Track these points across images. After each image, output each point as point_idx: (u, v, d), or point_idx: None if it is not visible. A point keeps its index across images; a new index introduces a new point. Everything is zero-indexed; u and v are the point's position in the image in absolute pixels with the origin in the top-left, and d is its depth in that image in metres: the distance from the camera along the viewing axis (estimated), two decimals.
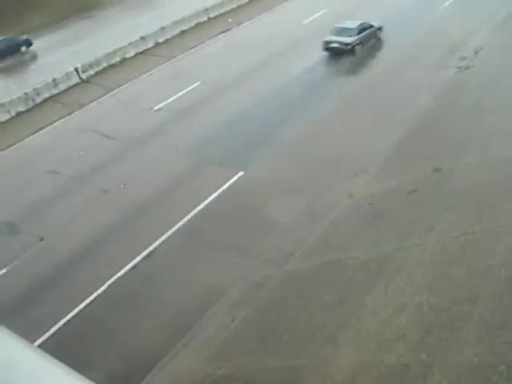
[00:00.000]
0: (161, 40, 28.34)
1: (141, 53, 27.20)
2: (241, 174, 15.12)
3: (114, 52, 26.32)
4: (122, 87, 23.35)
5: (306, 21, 27.16)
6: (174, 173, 15.75)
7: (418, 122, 15.86)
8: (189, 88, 21.37)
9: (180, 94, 21.04)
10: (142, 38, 27.42)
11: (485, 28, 21.96)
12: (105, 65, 25.80)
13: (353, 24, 22.69)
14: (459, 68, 18.08)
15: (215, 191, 14.49)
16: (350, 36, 22.11)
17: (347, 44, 21.90)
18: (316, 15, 27.68)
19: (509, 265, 8.29)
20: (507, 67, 16.56)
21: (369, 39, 22.83)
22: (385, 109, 16.86)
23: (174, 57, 25.84)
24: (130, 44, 26.97)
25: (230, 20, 30.20)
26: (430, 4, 26.75)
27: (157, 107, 20.35)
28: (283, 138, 16.64)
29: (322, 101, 18.59)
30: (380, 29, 23.35)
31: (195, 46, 26.80)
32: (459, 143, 12.78)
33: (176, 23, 29.53)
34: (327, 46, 22.45)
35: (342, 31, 22.42)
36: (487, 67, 17.52)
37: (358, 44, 22.11)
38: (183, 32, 29.40)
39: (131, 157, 17.28)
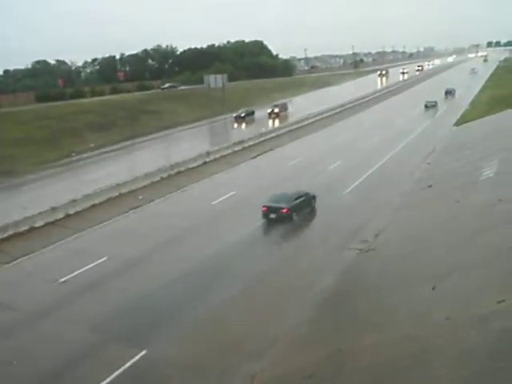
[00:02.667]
0: (71, 212, 29.54)
1: (50, 223, 28.12)
2: (144, 352, 15.06)
3: (23, 220, 26.94)
4: (27, 256, 23.57)
5: (215, 201, 29.99)
6: (72, 350, 15.45)
7: (322, 302, 16.97)
8: (96, 262, 21.95)
9: (86, 267, 21.50)
10: (53, 209, 28.56)
11: (384, 212, 25.47)
12: (10, 232, 26.22)
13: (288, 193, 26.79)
14: (361, 250, 20.17)
15: (113, 372, 14.07)
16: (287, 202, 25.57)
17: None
18: (225, 196, 30.90)
19: None
20: (405, 250, 18.76)
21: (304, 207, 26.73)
22: (290, 290, 18.53)
23: (83, 230, 26.76)
24: (39, 213, 27.83)
25: (140, 197, 32.29)
26: (333, 189, 31.16)
27: (62, 279, 20.58)
28: (193, 316, 17.11)
29: (235, 280, 19.77)
30: (314, 198, 27.67)
31: (105, 221, 28.04)
32: (362, 322, 14.53)
33: (87, 196, 31.04)
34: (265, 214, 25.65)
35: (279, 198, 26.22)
36: (386, 249, 19.75)
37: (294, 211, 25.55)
38: (94, 206, 30.89)
39: (27, 331, 16.82)
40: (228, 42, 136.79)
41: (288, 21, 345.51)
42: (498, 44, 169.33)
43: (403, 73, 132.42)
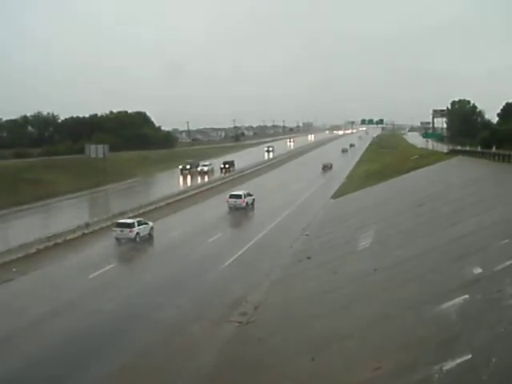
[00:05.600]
0: None
1: None
2: None
3: None
4: None
5: (92, 276, 29.27)
6: None
7: (199, 381, 16.82)
8: None
9: None
10: None
11: (263, 285, 26.12)
12: None
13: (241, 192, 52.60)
14: (240, 323, 20.42)
15: None
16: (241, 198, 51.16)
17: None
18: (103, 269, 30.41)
19: None
20: (285, 322, 19.27)
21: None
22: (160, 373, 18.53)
23: None
24: None
25: (14, 269, 31.02)
26: (210, 263, 31.87)
27: None
28: None
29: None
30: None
31: None
32: None
33: None
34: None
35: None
36: (266, 322, 20.16)
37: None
38: None
39: None
40: (111, 112, 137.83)
41: (171, 93, 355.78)
42: (370, 122, 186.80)
43: (268, 151, 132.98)
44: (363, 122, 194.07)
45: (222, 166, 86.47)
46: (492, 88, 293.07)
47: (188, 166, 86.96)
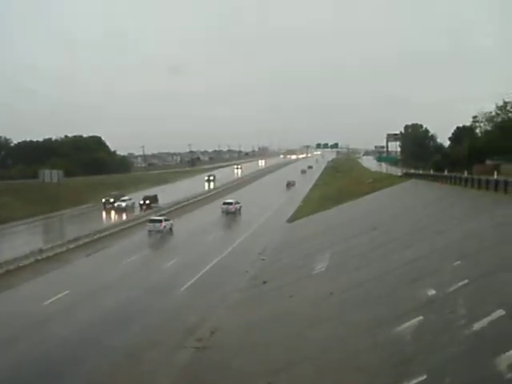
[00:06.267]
0: None
1: None
2: None
3: None
4: None
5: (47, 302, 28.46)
6: None
7: None
8: None
9: None
10: None
11: (219, 310, 25.88)
12: None
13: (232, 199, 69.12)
14: (197, 348, 20.15)
15: None
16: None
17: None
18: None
19: None
20: (241, 347, 19.25)
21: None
22: None
23: None
24: None
25: None
26: (165, 289, 31.51)
27: None
28: None
29: None
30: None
31: None
32: None
33: None
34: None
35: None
36: (222, 347, 20.00)
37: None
38: None
39: None
40: (66, 136, 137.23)
41: (126, 116, 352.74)
42: (325, 146, 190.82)
43: (209, 180, 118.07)
44: (318, 146, 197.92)
45: (142, 201, 72.35)
46: (443, 113, 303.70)
47: (112, 200, 74.92)
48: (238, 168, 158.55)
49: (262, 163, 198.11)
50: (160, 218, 54.46)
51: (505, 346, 11.37)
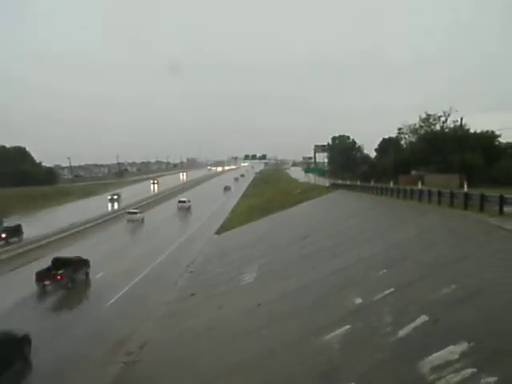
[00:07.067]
0: None
1: None
2: None
3: None
4: None
5: None
6: None
7: None
8: None
9: None
10: None
11: (148, 323, 25.71)
12: None
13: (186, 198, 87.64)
14: (125, 363, 19.96)
15: None
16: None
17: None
18: None
19: None
20: (170, 360, 19.18)
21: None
22: None
23: None
24: None
25: None
26: (97, 300, 31.53)
27: None
28: None
29: None
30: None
31: None
32: None
33: None
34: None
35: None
36: (152, 361, 19.78)
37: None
38: None
39: None
40: None
41: (52, 128, 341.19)
42: (254, 157, 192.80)
43: (112, 199, 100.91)
44: (247, 157, 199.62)
45: None
46: (370, 125, 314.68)
47: None
48: (154, 183, 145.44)
49: (183, 177, 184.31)
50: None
51: (428, 350, 11.86)
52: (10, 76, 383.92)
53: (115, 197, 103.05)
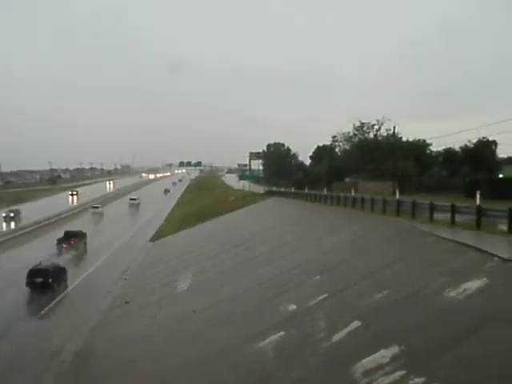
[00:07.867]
0: None
1: None
2: None
3: None
4: None
5: None
6: None
7: None
8: None
9: None
10: None
11: (83, 332, 25.22)
12: None
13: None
14: (59, 374, 19.72)
15: None
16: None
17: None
18: None
19: None
20: (105, 369, 18.87)
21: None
22: None
23: None
24: None
25: None
26: (27, 311, 30.96)
27: None
28: None
29: None
30: None
31: None
32: None
33: None
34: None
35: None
36: (87, 371, 19.57)
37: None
38: None
39: None
40: None
41: None
42: (189, 164, 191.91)
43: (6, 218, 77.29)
44: (181, 164, 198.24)
45: None
46: (305, 133, 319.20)
47: None
48: (73, 194, 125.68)
49: (110, 185, 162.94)
50: None
51: (360, 354, 12.13)
52: None
53: (11, 214, 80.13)
